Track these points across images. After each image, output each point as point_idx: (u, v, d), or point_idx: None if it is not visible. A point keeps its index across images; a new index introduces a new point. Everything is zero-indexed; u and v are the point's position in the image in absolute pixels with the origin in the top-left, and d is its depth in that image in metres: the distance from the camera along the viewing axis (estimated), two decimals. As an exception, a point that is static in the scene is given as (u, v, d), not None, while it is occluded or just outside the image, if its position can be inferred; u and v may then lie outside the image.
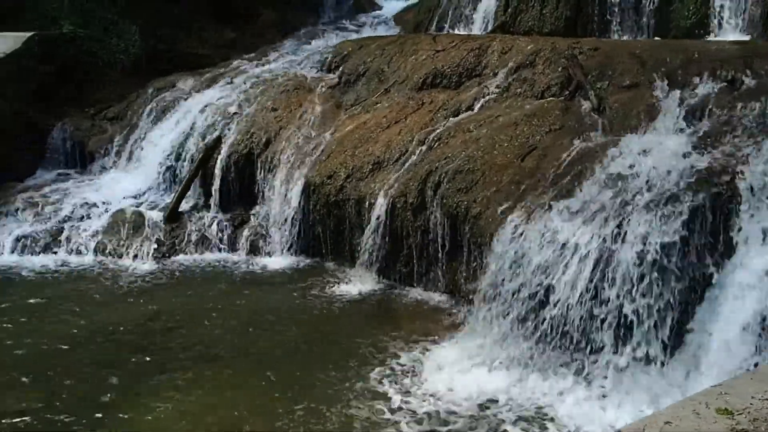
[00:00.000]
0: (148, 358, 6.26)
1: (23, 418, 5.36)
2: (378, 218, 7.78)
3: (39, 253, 8.71)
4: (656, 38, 9.49)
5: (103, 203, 9.46)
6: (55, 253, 8.72)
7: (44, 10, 11.38)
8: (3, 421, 5.32)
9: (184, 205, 9.31)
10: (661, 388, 5.28)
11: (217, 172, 9.34)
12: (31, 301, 7.43)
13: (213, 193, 9.34)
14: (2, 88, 9.99)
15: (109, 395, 5.67)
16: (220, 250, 8.82)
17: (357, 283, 7.78)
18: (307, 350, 6.42)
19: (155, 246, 8.72)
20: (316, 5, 14.58)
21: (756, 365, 4.90)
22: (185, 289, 7.85)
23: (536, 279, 5.99)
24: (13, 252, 8.69)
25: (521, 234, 6.30)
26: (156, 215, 9.14)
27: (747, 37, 8.73)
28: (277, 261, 8.54)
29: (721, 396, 3.48)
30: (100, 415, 5.42)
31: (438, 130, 8.21)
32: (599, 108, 7.52)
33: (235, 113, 9.46)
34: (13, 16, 11.32)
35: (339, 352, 6.33)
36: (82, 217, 9.21)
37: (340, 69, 10.42)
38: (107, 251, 8.73)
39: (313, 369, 6.03)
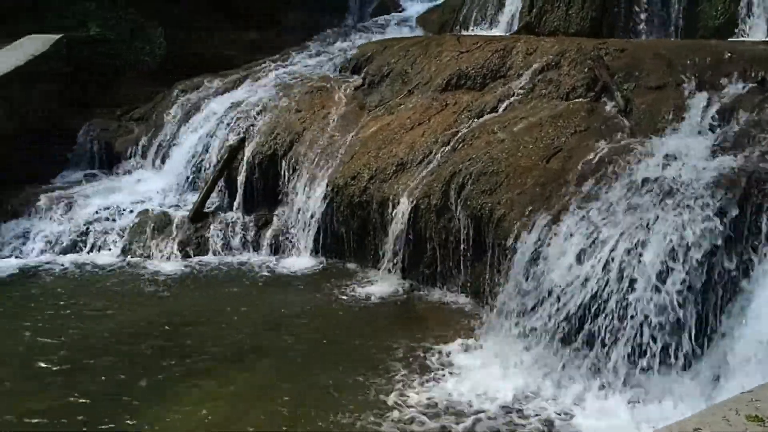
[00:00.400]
0: (171, 358, 6.29)
1: (49, 416, 5.40)
2: (401, 220, 7.76)
3: (65, 252, 8.79)
4: (684, 39, 9.39)
5: (129, 203, 9.53)
6: (82, 252, 8.81)
7: (72, 12, 11.50)
8: (29, 419, 5.36)
9: (209, 206, 9.36)
10: (688, 394, 5.20)
11: (241, 172, 9.37)
12: (57, 300, 7.50)
13: (237, 193, 9.38)
14: (31, 89, 10.11)
15: (132, 394, 5.69)
16: (243, 250, 8.86)
17: (379, 285, 7.77)
18: (329, 351, 6.41)
19: (180, 246, 8.78)
20: (340, 7, 14.59)
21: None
22: (209, 289, 7.89)
23: (561, 282, 5.93)
24: (40, 252, 8.78)
25: (545, 236, 6.25)
26: (181, 215, 9.19)
27: (777, 38, 8.63)
28: (300, 262, 8.55)
29: (751, 403, 3.42)
30: (123, 413, 5.44)
31: (462, 132, 8.18)
32: (625, 109, 7.44)
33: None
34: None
35: (361, 353, 6.32)
36: (108, 217, 9.28)
37: (364, 70, 10.42)
38: (132, 251, 8.80)
39: (335, 370, 6.02)
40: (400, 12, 14.63)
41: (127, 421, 5.36)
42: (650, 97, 7.50)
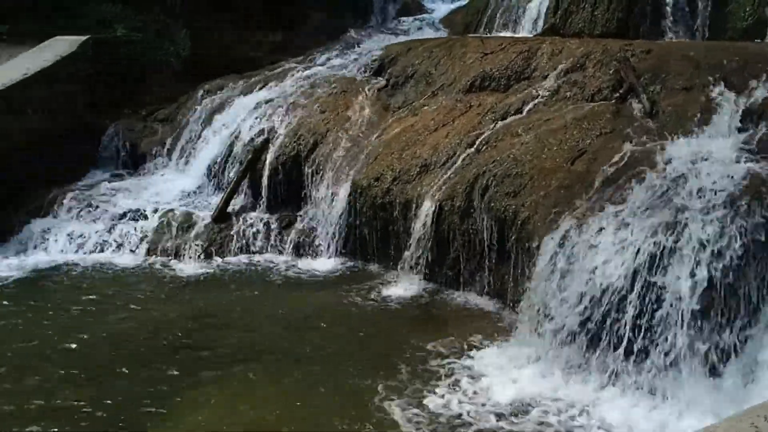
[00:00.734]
0: (193, 357, 6.32)
1: (72, 413, 5.45)
2: (424, 221, 7.74)
3: (90, 251, 8.87)
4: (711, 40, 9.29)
5: (153, 203, 9.59)
6: (106, 252, 8.88)
7: (99, 14, 11.61)
8: (52, 416, 5.41)
9: (232, 206, 9.39)
10: (715, 398, 5.14)
11: (265, 173, 9.41)
12: (82, 298, 7.57)
13: (261, 194, 9.41)
14: (58, 89, 10.21)
15: (155, 393, 5.72)
16: (266, 251, 8.87)
17: (402, 286, 7.75)
18: (352, 353, 6.41)
19: (203, 246, 8.82)
20: (364, 8, 14.60)
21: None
22: (232, 289, 7.91)
23: (585, 285, 5.88)
24: (64, 251, 8.87)
25: (570, 239, 6.20)
26: (204, 216, 9.23)
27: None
28: (323, 263, 8.56)
29: (780, 409, 3.37)
30: (146, 412, 5.48)
31: (486, 134, 8.14)
32: (651, 111, 7.37)
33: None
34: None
35: (384, 355, 6.31)
36: (133, 217, 9.34)
37: (388, 71, 10.42)
38: (156, 251, 8.86)
39: (357, 372, 6.01)
40: (423, 13, 14.62)
41: (150, 421, 5.38)
42: (677, 99, 7.42)
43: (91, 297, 7.60)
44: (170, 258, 8.73)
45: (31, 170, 9.44)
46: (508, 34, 11.44)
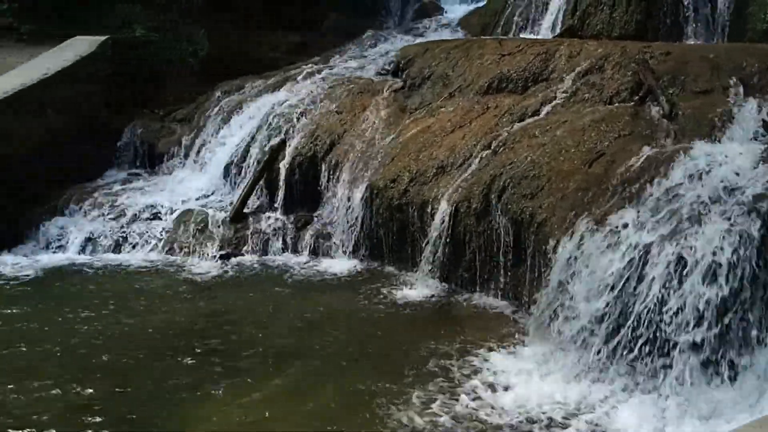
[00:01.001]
0: (208, 357, 6.33)
1: (91, 411, 5.48)
2: (441, 223, 7.72)
3: (107, 250, 8.93)
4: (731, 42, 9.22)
5: (171, 203, 9.63)
6: (123, 251, 8.94)
7: (118, 14, 11.68)
8: (71, 413, 5.45)
9: (249, 206, 9.42)
10: (732, 404, 5.09)
11: (282, 174, 9.43)
12: (98, 297, 7.61)
13: (277, 194, 9.43)
14: (77, 89, 10.28)
15: (170, 391, 5.75)
16: (282, 251, 8.90)
17: (418, 288, 7.74)
18: (367, 354, 6.40)
19: (220, 246, 8.85)
20: (381, 10, 14.61)
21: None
22: (248, 289, 7.93)
23: (602, 288, 5.85)
24: (83, 250, 8.93)
25: (587, 242, 6.17)
26: (221, 216, 9.26)
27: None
28: (339, 263, 8.56)
29: (799, 416, 3.33)
30: (162, 410, 5.50)
31: (503, 135, 8.12)
32: (670, 114, 7.32)
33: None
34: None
35: (398, 357, 6.29)
36: (150, 216, 9.39)
37: (405, 73, 10.41)
38: (173, 250, 8.90)
39: (372, 374, 6.00)
40: (440, 15, 14.58)
41: (165, 419, 5.40)
42: (696, 102, 7.37)
43: (107, 296, 7.64)
44: (187, 257, 8.77)
45: (49, 169, 9.51)
46: (526, 35, 11.40)
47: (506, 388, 5.72)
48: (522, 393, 5.63)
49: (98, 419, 5.39)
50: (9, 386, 5.81)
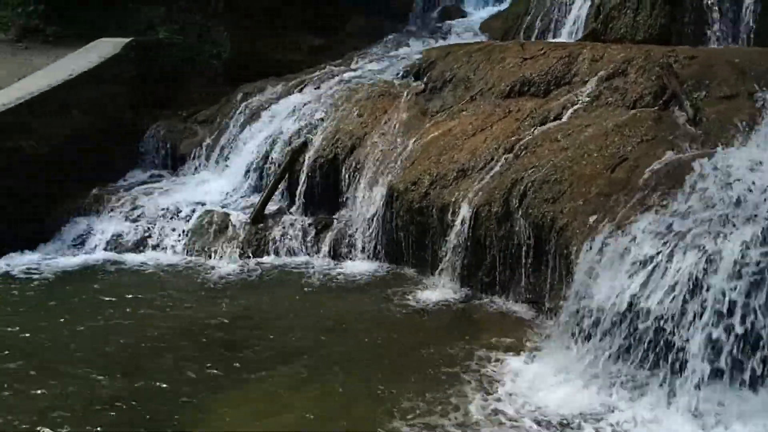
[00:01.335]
0: (229, 358, 6.36)
1: (111, 408, 5.54)
2: (461, 226, 7.70)
3: (129, 250, 9.00)
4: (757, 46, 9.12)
5: (192, 204, 9.69)
6: (144, 251, 9.00)
7: (142, 17, 11.78)
8: (91, 411, 5.51)
9: (270, 208, 9.45)
10: (757, 413, 5.03)
11: (303, 176, 9.45)
12: (119, 297, 7.66)
13: (298, 196, 9.46)
14: (102, 90, 10.39)
15: (190, 391, 5.78)
16: (303, 252, 8.91)
17: (437, 291, 7.72)
18: (386, 357, 6.39)
19: (240, 247, 8.88)
20: (403, 13, 14.62)
21: None
22: (268, 290, 7.96)
23: (624, 294, 5.79)
24: (104, 249, 9.00)
25: (609, 247, 6.12)
26: (242, 217, 9.30)
27: None
28: (359, 266, 8.56)
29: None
30: (181, 409, 5.54)
31: (524, 139, 8.08)
32: (695, 119, 7.25)
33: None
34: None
35: (418, 360, 6.28)
36: (172, 217, 9.45)
37: (426, 76, 10.39)
38: (194, 251, 8.95)
39: (392, 377, 5.99)
40: (463, 18, 14.56)
41: (185, 419, 5.44)
42: (721, 107, 7.30)
43: (129, 296, 7.69)
44: (208, 258, 8.82)
45: (74, 169, 9.61)
46: (549, 39, 11.34)
47: (525, 393, 5.69)
48: (541, 398, 5.60)
49: (118, 417, 5.44)
50: (31, 382, 5.88)
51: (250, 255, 8.84)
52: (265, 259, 8.81)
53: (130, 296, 7.66)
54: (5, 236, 8.69)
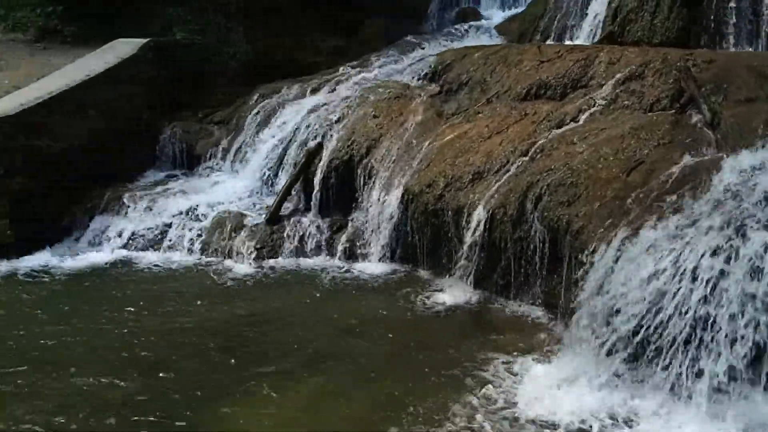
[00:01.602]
0: (243, 358, 6.39)
1: (126, 408, 5.58)
2: (476, 229, 7.69)
3: (145, 249, 9.06)
4: None
5: (208, 204, 9.74)
6: (160, 250, 9.05)
7: (160, 17, 11.84)
8: (106, 409, 5.55)
9: (285, 209, 9.47)
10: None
11: (318, 177, 9.46)
12: (134, 296, 7.74)
13: (313, 197, 9.47)
14: (120, 90, 10.45)
15: (204, 391, 5.82)
16: (317, 254, 8.93)
17: (452, 293, 7.71)
18: (400, 359, 6.40)
19: (255, 247, 8.91)
20: (420, 15, 14.60)
21: None
22: (282, 291, 7.98)
23: (639, 298, 5.76)
24: (121, 248, 9.07)
25: (625, 251, 6.09)
26: (257, 218, 9.34)
27: None
28: (373, 267, 8.57)
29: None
30: (196, 409, 5.58)
31: (540, 142, 8.06)
32: (712, 122, 7.19)
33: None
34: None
35: (432, 362, 6.28)
36: (187, 217, 9.50)
37: (443, 78, 10.39)
38: (209, 251, 9.00)
39: (405, 379, 6.00)
40: (479, 20, 14.53)
41: (200, 418, 5.46)
42: (739, 110, 7.24)
43: (145, 294, 7.76)
44: (223, 258, 8.86)
45: (91, 169, 9.69)
46: (565, 42, 11.31)
47: (539, 396, 5.67)
48: (556, 401, 5.59)
49: (133, 416, 5.48)
50: (47, 380, 5.93)
51: (265, 256, 8.87)
52: (280, 260, 8.84)
53: (145, 296, 7.72)
54: (22, 235, 8.77)
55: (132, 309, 7.36)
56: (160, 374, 6.07)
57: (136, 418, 5.45)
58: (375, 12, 13.73)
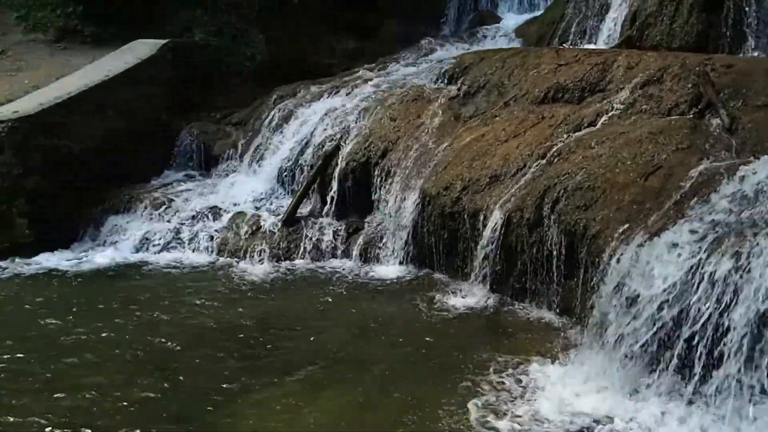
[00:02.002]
0: (259, 359, 6.42)
1: (141, 408, 5.60)
2: (492, 232, 7.67)
3: (161, 250, 9.10)
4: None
5: (224, 205, 9.79)
6: (176, 251, 9.09)
7: (178, 19, 11.91)
8: (121, 410, 5.57)
9: (301, 211, 9.50)
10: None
11: (335, 179, 9.49)
12: (150, 296, 7.76)
13: (329, 199, 9.49)
14: (138, 91, 10.52)
15: (219, 393, 5.82)
16: (333, 256, 8.95)
17: (468, 297, 7.70)
18: (415, 362, 6.39)
19: (271, 249, 8.94)
20: (437, 17, 14.61)
21: None
22: (298, 293, 8.00)
23: (656, 302, 5.73)
24: (137, 248, 9.12)
25: (642, 256, 6.06)
26: (273, 219, 9.36)
27: None
28: (389, 270, 8.57)
29: None
30: (211, 409, 5.59)
31: (558, 146, 8.04)
32: (731, 127, 7.15)
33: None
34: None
35: (447, 365, 6.27)
36: (204, 217, 9.54)
37: (460, 81, 10.36)
38: (225, 252, 9.03)
39: (420, 382, 5.99)
40: (497, 23, 14.51)
41: (215, 418, 5.48)
42: (758, 116, 7.19)
43: (160, 295, 7.79)
44: (239, 259, 8.89)
45: (108, 169, 9.75)
46: (583, 45, 11.27)
47: (555, 400, 5.65)
48: (572, 405, 5.57)
49: (148, 416, 5.50)
50: (63, 379, 5.98)
51: (282, 257, 8.90)
52: (296, 261, 8.86)
53: (161, 296, 7.75)
54: (39, 235, 8.85)
55: (147, 309, 7.38)
56: (175, 374, 6.09)
57: (150, 416, 5.47)
58: (392, 15, 13.75)
